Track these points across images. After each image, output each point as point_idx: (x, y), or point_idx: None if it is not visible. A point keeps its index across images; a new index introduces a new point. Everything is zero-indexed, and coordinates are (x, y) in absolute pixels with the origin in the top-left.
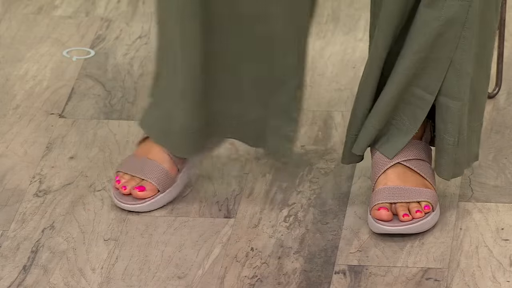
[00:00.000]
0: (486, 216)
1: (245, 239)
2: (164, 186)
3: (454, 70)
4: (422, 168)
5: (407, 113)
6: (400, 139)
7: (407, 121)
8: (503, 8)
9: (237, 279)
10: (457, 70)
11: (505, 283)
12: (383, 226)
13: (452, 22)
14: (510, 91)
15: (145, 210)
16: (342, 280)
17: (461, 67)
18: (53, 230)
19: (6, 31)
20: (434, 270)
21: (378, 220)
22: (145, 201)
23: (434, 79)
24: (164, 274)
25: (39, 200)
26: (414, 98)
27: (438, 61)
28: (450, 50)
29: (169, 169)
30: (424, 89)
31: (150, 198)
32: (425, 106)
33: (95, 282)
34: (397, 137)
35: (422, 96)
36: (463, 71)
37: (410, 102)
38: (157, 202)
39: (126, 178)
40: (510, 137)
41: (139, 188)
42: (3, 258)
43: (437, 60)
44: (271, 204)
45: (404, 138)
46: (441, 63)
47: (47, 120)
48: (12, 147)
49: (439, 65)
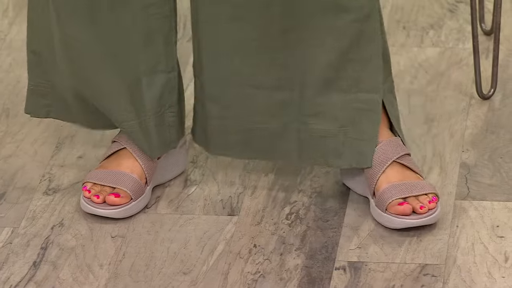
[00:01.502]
0: (482, 214)
1: (248, 236)
2: (136, 194)
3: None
4: (411, 162)
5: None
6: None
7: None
8: (498, 12)
9: (240, 275)
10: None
11: (500, 278)
12: (406, 220)
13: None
14: (505, 92)
15: (120, 216)
16: (342, 276)
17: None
18: (62, 227)
19: (17, 35)
20: (431, 266)
21: (399, 216)
22: (120, 207)
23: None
24: (170, 270)
25: (48, 198)
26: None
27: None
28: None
29: (139, 178)
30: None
31: (125, 204)
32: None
33: (103, 278)
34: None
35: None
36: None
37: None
38: (131, 209)
39: (96, 188)
40: (505, 137)
41: (114, 195)
42: (14, 254)
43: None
44: (274, 202)
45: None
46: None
47: (56, 121)
48: (23, 146)
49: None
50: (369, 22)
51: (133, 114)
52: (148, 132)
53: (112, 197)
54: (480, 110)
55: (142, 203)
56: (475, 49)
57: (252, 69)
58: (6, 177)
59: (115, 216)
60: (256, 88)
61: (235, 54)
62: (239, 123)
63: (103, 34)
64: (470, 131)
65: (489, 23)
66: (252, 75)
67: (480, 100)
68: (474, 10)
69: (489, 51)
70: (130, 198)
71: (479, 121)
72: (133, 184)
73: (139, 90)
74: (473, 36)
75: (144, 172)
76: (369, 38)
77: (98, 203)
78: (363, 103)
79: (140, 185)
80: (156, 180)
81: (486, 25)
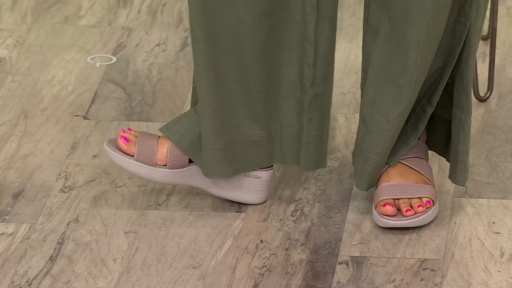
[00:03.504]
0: (478, 211)
1: (255, 232)
2: (141, 157)
3: (462, 84)
4: (421, 165)
5: (412, 124)
6: (401, 149)
7: (410, 132)
8: (494, 18)
9: (247, 269)
10: (464, 85)
11: (496, 273)
12: (388, 220)
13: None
14: (501, 95)
15: (113, 159)
16: (345, 270)
17: (467, 81)
18: (78, 223)
19: (35, 39)
20: (430, 261)
21: (384, 215)
22: (119, 154)
23: (438, 92)
24: (180, 264)
25: (64, 195)
26: (421, 110)
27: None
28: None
29: (158, 152)
30: (428, 101)
31: (125, 156)
32: (426, 117)
33: (116, 272)
34: (399, 146)
35: (425, 108)
36: (469, 85)
37: (417, 114)
38: (127, 163)
39: (130, 135)
40: (501, 137)
41: (124, 139)
42: (32, 249)
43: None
44: (279, 200)
45: (405, 148)
46: (444, 78)
47: (72, 122)
48: (40, 146)
49: (443, 79)
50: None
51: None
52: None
53: (121, 140)
54: (477, 112)
55: (143, 170)
56: None
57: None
58: (24, 175)
59: (114, 160)
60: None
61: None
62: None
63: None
64: None
65: (486, 28)
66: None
67: (477, 102)
68: None
69: (486, 55)
70: (133, 155)
71: (476, 122)
72: (146, 148)
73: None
74: None
75: (169, 154)
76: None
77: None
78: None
79: (151, 153)
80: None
81: (483, 30)
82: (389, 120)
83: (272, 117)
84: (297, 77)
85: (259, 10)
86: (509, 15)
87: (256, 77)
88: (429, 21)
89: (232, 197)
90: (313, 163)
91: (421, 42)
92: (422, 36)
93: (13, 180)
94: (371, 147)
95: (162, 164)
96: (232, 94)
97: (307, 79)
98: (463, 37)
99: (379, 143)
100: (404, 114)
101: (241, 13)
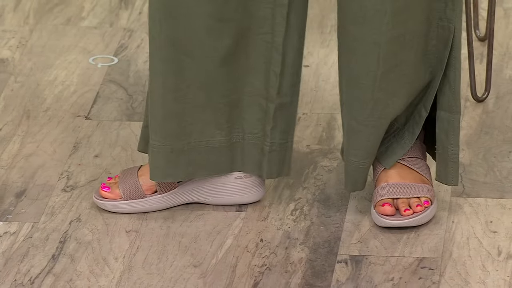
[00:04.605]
0: (476, 210)
1: (255, 231)
2: (128, 195)
3: (450, 86)
4: (419, 165)
5: (409, 128)
6: (398, 151)
7: (407, 135)
8: (492, 19)
9: (247, 268)
10: (452, 87)
11: (493, 271)
12: (386, 220)
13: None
14: (498, 95)
15: (104, 208)
16: (344, 268)
17: (454, 83)
18: (80, 222)
19: (37, 41)
20: (428, 260)
21: (382, 215)
22: (107, 201)
23: (431, 96)
24: (181, 263)
25: (66, 194)
26: (417, 114)
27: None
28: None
29: (143, 183)
30: (424, 106)
31: (115, 201)
32: (421, 121)
33: (118, 270)
34: (395, 149)
35: (421, 112)
36: (456, 86)
37: (413, 118)
38: (117, 206)
39: (110, 183)
40: (498, 137)
41: (104, 187)
42: (34, 248)
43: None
44: (279, 199)
45: (402, 151)
46: (436, 82)
47: (74, 122)
48: (42, 146)
49: (435, 83)
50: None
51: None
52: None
53: (101, 189)
54: (475, 112)
55: (136, 206)
56: (470, 54)
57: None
58: (27, 175)
59: (101, 206)
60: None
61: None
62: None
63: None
64: (465, 131)
65: (483, 29)
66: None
67: (474, 102)
68: (469, 18)
69: (483, 56)
70: (120, 197)
71: (473, 122)
72: (130, 185)
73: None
74: (468, 42)
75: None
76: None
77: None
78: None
79: (136, 188)
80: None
81: (481, 31)
82: (359, 121)
83: (235, 124)
84: (262, 85)
85: (224, 16)
86: (506, 16)
87: (220, 83)
88: (388, 22)
89: (232, 202)
90: (275, 170)
91: (381, 43)
92: (382, 37)
93: (15, 179)
94: (348, 148)
95: (151, 192)
96: (193, 99)
97: (274, 88)
98: (450, 40)
99: (354, 144)
100: (376, 113)
101: (205, 18)
